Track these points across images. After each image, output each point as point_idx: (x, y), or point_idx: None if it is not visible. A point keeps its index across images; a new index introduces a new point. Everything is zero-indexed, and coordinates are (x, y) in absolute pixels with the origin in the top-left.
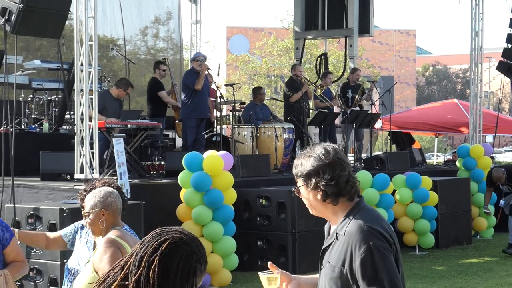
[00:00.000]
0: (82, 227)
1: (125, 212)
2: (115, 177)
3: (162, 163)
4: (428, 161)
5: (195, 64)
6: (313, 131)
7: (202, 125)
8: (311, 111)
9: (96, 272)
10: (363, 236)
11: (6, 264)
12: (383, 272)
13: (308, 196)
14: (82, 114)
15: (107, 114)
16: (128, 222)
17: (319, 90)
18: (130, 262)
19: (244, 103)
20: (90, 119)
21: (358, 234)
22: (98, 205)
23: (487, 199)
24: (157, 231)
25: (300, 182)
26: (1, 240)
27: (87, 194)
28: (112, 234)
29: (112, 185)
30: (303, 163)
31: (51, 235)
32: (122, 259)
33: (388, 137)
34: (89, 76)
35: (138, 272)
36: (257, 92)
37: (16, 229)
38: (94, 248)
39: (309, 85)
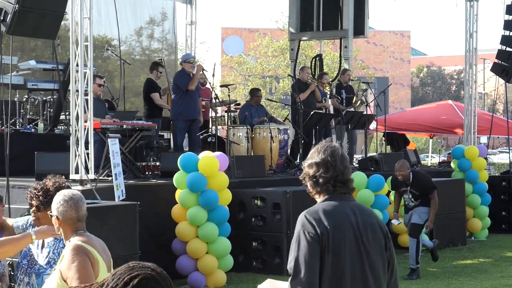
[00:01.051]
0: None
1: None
2: (110, 178)
3: (158, 163)
4: (422, 162)
5: (187, 65)
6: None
7: (195, 126)
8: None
9: (65, 281)
10: (298, 221)
11: None
12: (295, 253)
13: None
14: (77, 114)
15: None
16: (124, 223)
17: (327, 88)
18: None
19: (239, 104)
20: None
21: (298, 219)
22: (54, 212)
23: (396, 205)
24: (131, 264)
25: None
26: None
27: (38, 192)
28: (77, 240)
29: (64, 185)
30: (311, 155)
31: (7, 220)
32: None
33: (383, 138)
34: (85, 76)
35: None
36: (254, 93)
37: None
38: (42, 246)
39: (316, 85)
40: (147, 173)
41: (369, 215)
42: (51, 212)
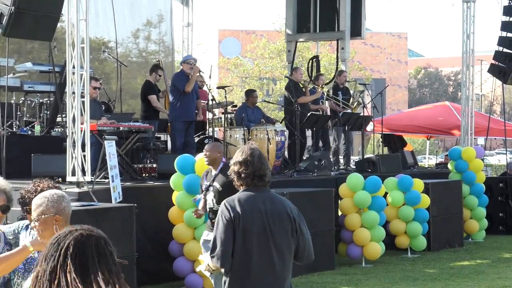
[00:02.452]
0: (27, 227)
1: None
2: (107, 180)
3: (154, 165)
4: (420, 163)
5: (185, 66)
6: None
7: (191, 127)
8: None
9: None
10: (220, 206)
11: None
12: (214, 232)
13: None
14: (74, 116)
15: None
16: (121, 225)
17: (321, 89)
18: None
19: (236, 106)
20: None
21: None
22: (51, 210)
23: None
24: (53, 241)
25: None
26: None
27: (31, 195)
28: None
29: (57, 187)
30: (237, 154)
31: None
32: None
33: (380, 140)
34: (81, 78)
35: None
36: (250, 94)
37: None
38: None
39: (313, 87)
40: (143, 175)
41: (278, 204)
42: (46, 214)
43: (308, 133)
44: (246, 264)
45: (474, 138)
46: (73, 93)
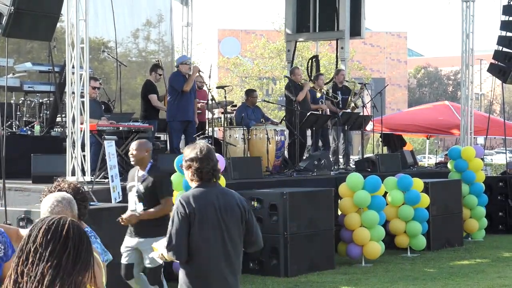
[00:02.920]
0: None
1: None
2: (106, 180)
3: None
4: (420, 162)
5: (184, 67)
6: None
7: (190, 127)
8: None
9: None
10: (175, 203)
11: (1, 279)
12: (170, 227)
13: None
14: (73, 116)
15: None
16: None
17: (318, 94)
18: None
19: (235, 105)
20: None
21: (175, 202)
22: (47, 214)
23: None
24: (46, 222)
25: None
26: (4, 257)
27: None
28: None
29: (79, 186)
30: (187, 152)
31: (21, 231)
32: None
33: (380, 139)
34: (81, 78)
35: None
36: (250, 94)
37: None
38: None
39: (313, 86)
40: None
41: (229, 198)
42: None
43: (308, 132)
44: (204, 255)
45: (474, 138)
46: (73, 93)
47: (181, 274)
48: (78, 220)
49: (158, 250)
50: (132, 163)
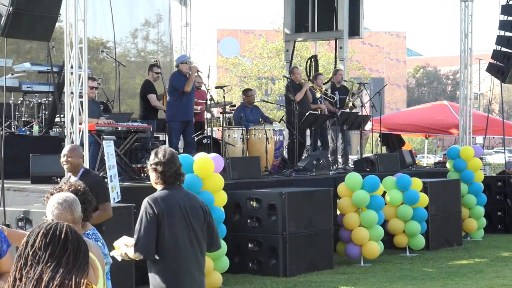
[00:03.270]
0: None
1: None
2: (105, 180)
3: None
4: (418, 162)
5: (184, 67)
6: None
7: (190, 127)
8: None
9: None
10: (142, 205)
11: None
12: (138, 226)
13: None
14: (72, 116)
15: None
16: (119, 225)
17: (318, 94)
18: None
19: (234, 105)
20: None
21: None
22: (49, 216)
23: None
24: (27, 239)
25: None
26: None
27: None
28: None
29: (79, 188)
30: (152, 156)
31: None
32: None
33: (379, 139)
34: (79, 78)
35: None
36: (245, 93)
37: (5, 227)
38: None
39: (312, 85)
40: (142, 175)
41: (193, 200)
42: (45, 217)
43: (308, 132)
44: (173, 255)
45: (473, 137)
46: (72, 93)
47: (151, 275)
48: (81, 222)
49: (120, 249)
50: (66, 170)
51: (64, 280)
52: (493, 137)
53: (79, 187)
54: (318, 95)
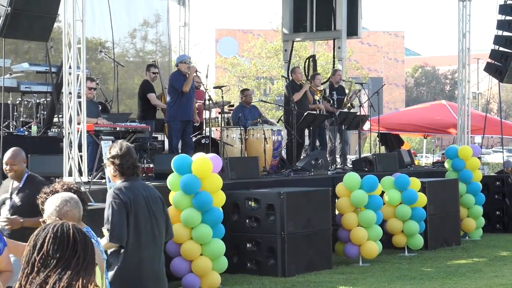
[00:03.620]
0: None
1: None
2: (103, 180)
3: (151, 165)
4: (416, 162)
5: (183, 66)
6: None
7: (189, 127)
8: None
9: None
10: (108, 195)
11: None
12: (109, 216)
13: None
14: (70, 117)
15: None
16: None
17: (316, 96)
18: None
19: (233, 105)
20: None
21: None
22: (54, 214)
23: None
24: (33, 239)
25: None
26: None
27: (47, 197)
28: None
29: (73, 187)
30: (109, 150)
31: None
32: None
33: (377, 139)
34: (78, 79)
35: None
36: (242, 93)
37: (11, 240)
38: None
39: (310, 86)
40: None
41: (153, 191)
42: (49, 219)
43: (306, 132)
44: (138, 241)
45: (471, 137)
46: (70, 93)
47: (113, 261)
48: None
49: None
50: (11, 177)
51: (71, 282)
52: (492, 137)
53: (72, 186)
54: (317, 97)
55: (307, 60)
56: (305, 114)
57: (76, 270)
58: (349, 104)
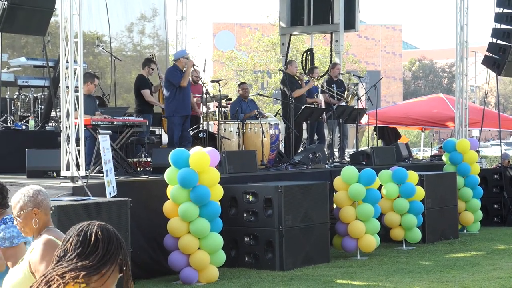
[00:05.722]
0: None
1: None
2: (101, 174)
3: (149, 159)
4: (414, 155)
5: (184, 61)
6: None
7: (187, 121)
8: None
9: (33, 274)
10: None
11: None
12: None
13: None
14: (68, 111)
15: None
16: (115, 219)
17: (319, 81)
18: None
19: (230, 99)
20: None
21: None
22: (29, 205)
23: None
24: (76, 229)
25: None
26: None
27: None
28: (49, 234)
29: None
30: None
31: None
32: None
33: (374, 132)
34: (75, 73)
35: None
36: (239, 87)
37: None
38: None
39: (307, 80)
40: (138, 169)
41: None
42: (25, 209)
43: (304, 126)
44: None
45: (469, 130)
46: (67, 87)
47: None
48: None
49: None
50: None
51: (91, 273)
52: (489, 130)
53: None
54: (318, 82)
55: (305, 54)
56: (303, 107)
57: (94, 265)
58: (351, 96)
